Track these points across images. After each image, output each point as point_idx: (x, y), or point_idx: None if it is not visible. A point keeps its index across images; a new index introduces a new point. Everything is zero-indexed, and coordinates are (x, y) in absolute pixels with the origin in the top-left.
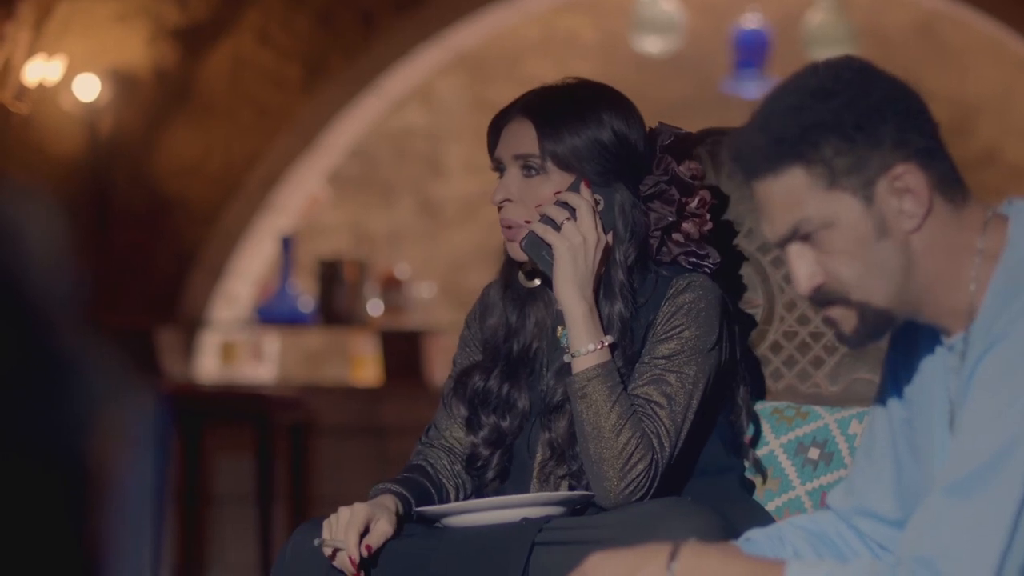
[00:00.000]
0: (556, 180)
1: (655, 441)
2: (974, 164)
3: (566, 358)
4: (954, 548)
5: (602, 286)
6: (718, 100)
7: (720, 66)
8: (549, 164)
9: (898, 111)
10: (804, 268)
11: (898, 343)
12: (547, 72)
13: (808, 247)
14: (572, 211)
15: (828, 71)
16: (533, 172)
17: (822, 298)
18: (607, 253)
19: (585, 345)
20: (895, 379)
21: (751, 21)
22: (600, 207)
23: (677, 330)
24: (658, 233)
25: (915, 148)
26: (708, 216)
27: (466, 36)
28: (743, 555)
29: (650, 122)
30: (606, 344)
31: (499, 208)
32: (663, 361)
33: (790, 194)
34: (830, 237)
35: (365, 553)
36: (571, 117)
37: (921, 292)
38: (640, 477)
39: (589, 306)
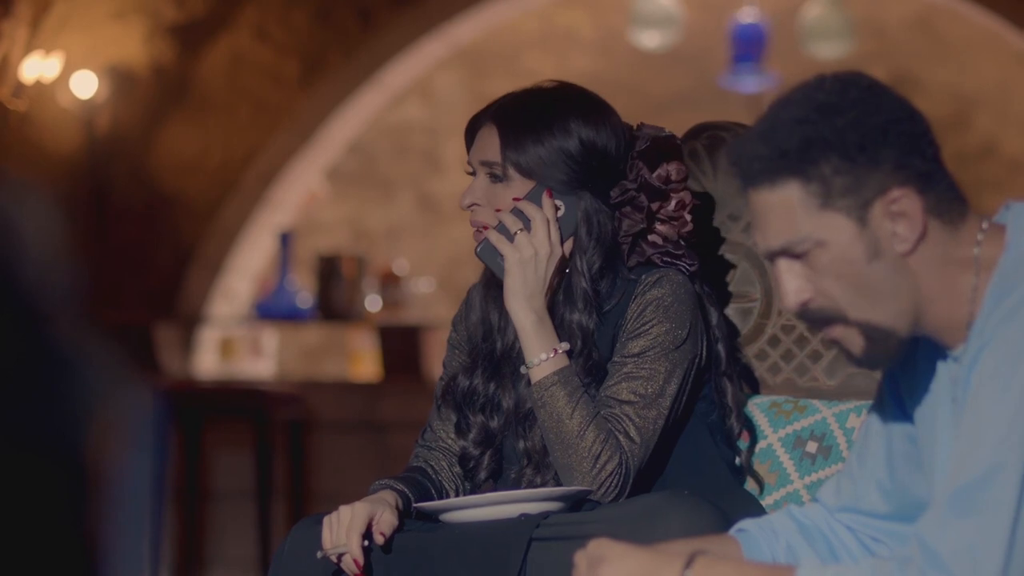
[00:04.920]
0: (518, 187)
1: (623, 439)
2: (972, 157)
3: (522, 370)
4: (962, 550)
5: (562, 294)
6: (716, 94)
7: (718, 60)
8: (511, 171)
9: (901, 133)
10: (792, 283)
11: (898, 356)
12: (546, 67)
13: (798, 263)
14: (527, 221)
15: (836, 86)
16: (497, 179)
17: (812, 316)
18: (563, 263)
19: (537, 355)
20: (896, 393)
21: (749, 15)
22: (561, 213)
23: (647, 327)
24: (628, 239)
25: (915, 171)
26: (689, 218)
27: (465, 31)
28: (755, 563)
29: (648, 117)
30: (560, 351)
31: (470, 211)
32: (634, 359)
33: (784, 209)
34: (821, 256)
35: (380, 540)
36: (537, 126)
37: (920, 309)
38: (611, 477)
39: (538, 317)
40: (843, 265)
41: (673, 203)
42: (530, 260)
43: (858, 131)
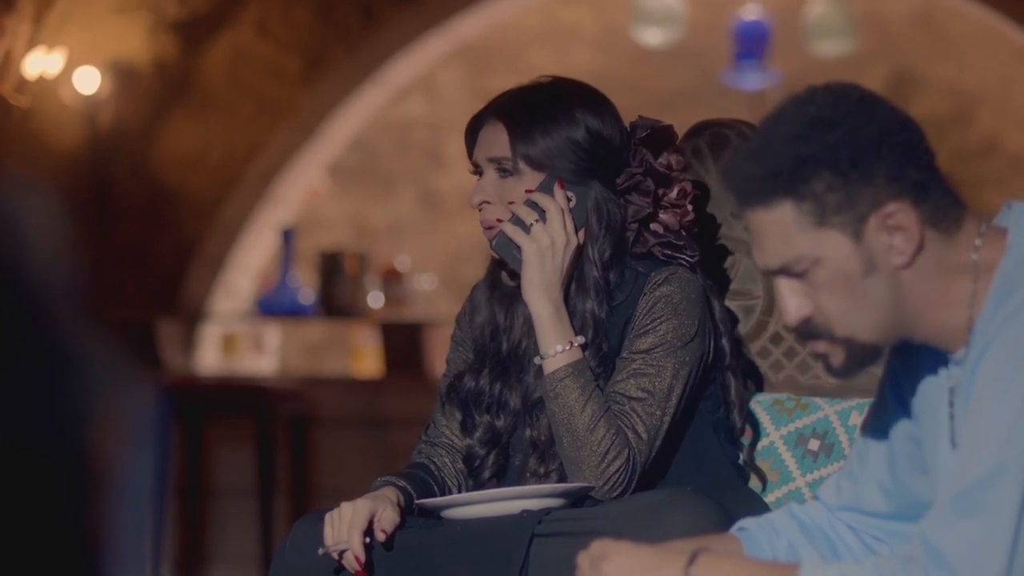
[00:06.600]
0: (529, 179)
1: (631, 436)
2: (974, 154)
3: (536, 360)
4: (966, 550)
5: (574, 284)
6: (719, 91)
7: (721, 57)
8: (521, 165)
9: (895, 145)
10: (793, 300)
11: (900, 357)
12: (548, 63)
13: (797, 280)
14: (542, 212)
15: (828, 99)
16: (507, 173)
17: (808, 331)
18: (579, 252)
19: (553, 346)
20: (898, 394)
21: (751, 12)
22: (573, 203)
23: (655, 324)
24: (635, 225)
25: (909, 183)
26: (691, 207)
27: (467, 27)
28: (757, 561)
29: (650, 113)
30: (576, 344)
31: (479, 210)
32: (642, 355)
33: (780, 229)
34: (818, 272)
35: (382, 537)
36: (543, 117)
37: (911, 320)
38: (618, 474)
39: (556, 307)
40: (839, 280)
41: (676, 191)
42: (547, 250)
43: (850, 146)
